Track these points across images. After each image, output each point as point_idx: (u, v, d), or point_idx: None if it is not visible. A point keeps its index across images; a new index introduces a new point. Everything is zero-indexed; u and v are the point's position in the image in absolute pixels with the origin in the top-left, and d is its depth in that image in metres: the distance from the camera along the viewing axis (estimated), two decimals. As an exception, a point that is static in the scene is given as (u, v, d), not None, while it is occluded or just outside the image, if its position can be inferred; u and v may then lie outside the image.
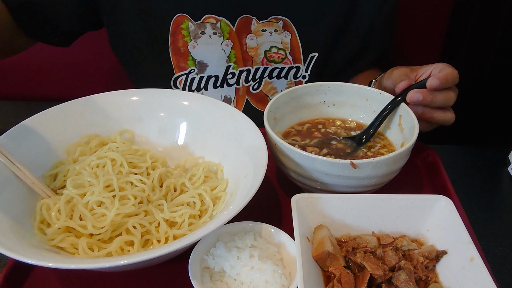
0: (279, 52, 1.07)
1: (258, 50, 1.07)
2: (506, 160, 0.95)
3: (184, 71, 1.08)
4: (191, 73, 1.08)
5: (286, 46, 1.06)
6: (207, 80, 1.09)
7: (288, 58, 1.08)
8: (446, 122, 0.82)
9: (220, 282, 0.62)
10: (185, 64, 1.07)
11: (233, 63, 1.07)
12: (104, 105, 0.84)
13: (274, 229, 0.67)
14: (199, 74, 1.08)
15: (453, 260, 0.61)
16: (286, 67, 1.09)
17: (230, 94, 1.11)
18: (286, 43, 1.06)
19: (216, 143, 0.81)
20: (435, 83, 0.77)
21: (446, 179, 0.83)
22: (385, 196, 0.68)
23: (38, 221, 0.66)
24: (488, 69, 1.50)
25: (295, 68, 1.09)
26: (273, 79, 1.11)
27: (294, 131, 0.87)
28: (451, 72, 0.79)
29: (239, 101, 1.12)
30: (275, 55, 1.07)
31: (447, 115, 0.81)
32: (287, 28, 1.04)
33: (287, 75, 1.10)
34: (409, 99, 0.79)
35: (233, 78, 1.09)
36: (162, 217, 0.68)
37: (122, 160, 0.73)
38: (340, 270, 0.59)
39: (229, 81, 1.09)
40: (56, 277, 0.68)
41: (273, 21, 1.03)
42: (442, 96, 0.79)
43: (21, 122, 0.76)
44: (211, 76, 1.08)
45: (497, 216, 0.85)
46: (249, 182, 0.67)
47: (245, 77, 1.09)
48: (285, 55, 1.07)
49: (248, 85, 1.10)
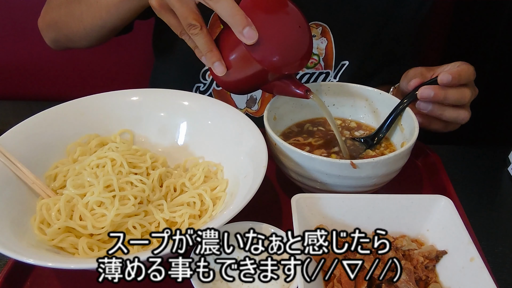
0: (313, 58, 1.06)
1: None
2: (506, 160, 0.95)
3: None
4: None
5: (321, 52, 1.05)
6: None
7: (320, 64, 1.07)
8: (458, 121, 0.78)
9: (220, 282, 0.62)
10: None
11: None
12: (104, 105, 0.84)
13: (274, 229, 0.67)
14: None
15: (453, 260, 0.61)
16: (317, 72, 1.08)
17: (256, 94, 1.09)
18: (322, 49, 1.05)
19: (216, 143, 0.81)
20: (446, 78, 0.73)
21: (446, 179, 0.83)
22: (385, 196, 0.68)
23: (38, 221, 0.66)
24: (488, 69, 1.50)
25: (324, 74, 1.08)
26: None
27: (294, 131, 0.87)
28: (466, 68, 0.75)
29: (264, 102, 1.11)
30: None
31: (459, 113, 0.77)
32: (325, 35, 1.03)
33: (316, 81, 1.09)
34: (420, 95, 0.76)
35: None
36: (162, 217, 0.68)
37: (122, 160, 0.73)
38: (340, 270, 0.59)
39: None
40: (56, 277, 0.68)
41: (314, 26, 1.02)
42: (456, 92, 0.75)
43: (21, 122, 0.76)
44: None
45: (497, 216, 0.85)
46: (249, 182, 0.67)
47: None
48: (318, 61, 1.06)
49: None
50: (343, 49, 1.05)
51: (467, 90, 0.77)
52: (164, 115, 0.85)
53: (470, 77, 0.76)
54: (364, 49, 1.06)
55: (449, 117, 0.78)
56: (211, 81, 1.07)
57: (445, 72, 0.74)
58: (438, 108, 0.77)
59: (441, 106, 0.77)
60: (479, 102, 0.85)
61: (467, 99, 0.77)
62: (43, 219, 0.66)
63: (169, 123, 0.85)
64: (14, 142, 0.73)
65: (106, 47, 1.12)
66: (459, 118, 0.78)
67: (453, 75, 0.74)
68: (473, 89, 0.79)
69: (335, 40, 1.04)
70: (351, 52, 1.06)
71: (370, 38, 1.05)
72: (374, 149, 0.82)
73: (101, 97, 0.84)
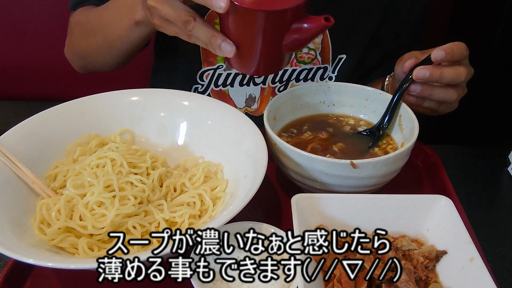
0: (310, 53, 1.06)
1: None
2: (506, 160, 0.95)
3: (212, 66, 1.06)
4: (219, 68, 1.06)
5: (317, 46, 1.05)
6: (234, 77, 1.07)
7: (317, 59, 1.07)
8: (447, 100, 0.77)
9: (220, 282, 0.62)
10: (214, 59, 1.06)
11: None
12: (104, 105, 0.84)
13: (274, 229, 0.67)
14: (227, 70, 1.07)
15: (453, 260, 0.61)
16: (315, 67, 1.08)
17: (255, 93, 1.09)
18: (318, 43, 1.05)
19: (216, 143, 0.81)
20: (440, 55, 0.72)
21: (446, 179, 0.83)
22: (385, 196, 0.68)
23: (38, 221, 0.66)
24: (488, 69, 1.50)
25: (322, 69, 1.08)
26: (300, 81, 1.10)
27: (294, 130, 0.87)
28: (457, 44, 0.74)
29: (263, 101, 1.11)
30: (305, 55, 1.06)
31: (448, 92, 0.76)
32: None
33: (314, 77, 1.09)
34: (415, 75, 0.75)
35: (260, 77, 1.08)
36: (162, 217, 0.68)
37: (122, 160, 0.73)
38: (340, 270, 0.59)
39: (256, 80, 1.08)
40: (56, 277, 0.68)
41: None
42: (451, 71, 0.74)
43: (21, 122, 0.76)
44: (238, 73, 1.07)
45: (497, 216, 0.85)
46: (249, 182, 0.67)
47: (272, 78, 1.08)
48: (315, 55, 1.06)
49: (275, 86, 1.09)
50: (340, 43, 1.05)
51: (462, 68, 0.76)
52: (164, 115, 0.85)
53: (463, 52, 0.75)
54: (362, 44, 1.06)
55: (438, 97, 0.77)
56: (209, 81, 1.08)
57: (438, 49, 0.74)
58: (427, 88, 0.76)
59: (430, 86, 0.76)
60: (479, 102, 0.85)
61: (463, 77, 0.76)
62: (43, 219, 0.66)
63: (169, 123, 0.85)
64: (14, 142, 0.73)
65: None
66: (448, 97, 0.77)
67: (446, 50, 0.73)
68: (469, 68, 0.78)
69: (331, 35, 1.04)
70: (348, 46, 1.06)
71: (368, 33, 1.05)
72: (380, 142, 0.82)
73: (101, 97, 0.84)
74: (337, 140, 0.84)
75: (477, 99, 1.49)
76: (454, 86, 0.77)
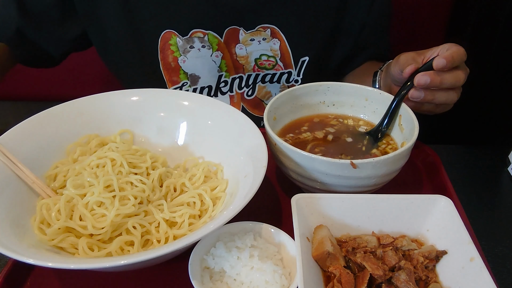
0: (270, 59, 1.07)
1: (249, 58, 1.07)
2: (506, 160, 0.96)
3: (177, 84, 1.09)
4: (184, 85, 1.09)
5: (275, 53, 1.06)
6: (201, 91, 1.10)
7: (279, 64, 1.08)
8: (448, 102, 0.79)
9: (220, 282, 0.62)
10: (177, 78, 1.08)
11: (225, 71, 1.08)
12: (104, 105, 0.84)
13: (274, 229, 0.67)
14: (192, 86, 1.09)
15: (453, 260, 0.61)
16: (278, 72, 1.09)
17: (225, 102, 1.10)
18: (276, 50, 1.06)
19: (216, 143, 0.81)
20: (442, 63, 0.74)
21: (446, 179, 0.83)
22: (385, 196, 0.68)
23: (38, 221, 0.66)
24: (488, 69, 1.50)
25: (286, 74, 1.09)
26: (266, 83, 1.11)
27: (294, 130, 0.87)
28: (457, 50, 0.76)
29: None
30: (265, 62, 1.07)
31: (449, 94, 0.78)
32: (276, 36, 1.04)
33: (280, 80, 1.10)
34: (417, 82, 0.76)
35: (226, 86, 1.10)
36: (162, 217, 0.68)
37: (122, 160, 0.73)
38: (340, 270, 0.59)
39: (223, 90, 1.10)
40: (56, 277, 0.68)
41: (261, 29, 1.03)
42: (451, 76, 0.76)
43: (21, 122, 0.76)
44: (205, 87, 1.09)
45: (497, 216, 0.85)
46: (249, 182, 0.67)
47: (238, 84, 1.10)
48: (275, 62, 1.07)
49: (242, 91, 1.11)
50: (299, 46, 1.06)
51: (461, 73, 0.77)
52: (164, 115, 0.85)
53: (462, 58, 0.76)
54: (321, 43, 1.06)
55: (441, 100, 0.78)
56: None
57: (439, 57, 0.75)
58: (430, 93, 0.77)
59: (432, 91, 0.77)
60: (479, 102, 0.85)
61: (462, 81, 0.77)
62: (43, 219, 0.66)
63: (169, 123, 0.85)
64: (14, 142, 0.73)
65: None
66: (449, 99, 0.78)
67: (447, 59, 0.74)
68: (465, 69, 0.79)
69: (287, 39, 1.04)
70: (307, 48, 1.06)
71: (324, 31, 1.05)
72: (379, 142, 0.82)
73: (101, 97, 0.85)
74: (337, 140, 0.84)
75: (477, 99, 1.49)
76: (453, 89, 0.79)
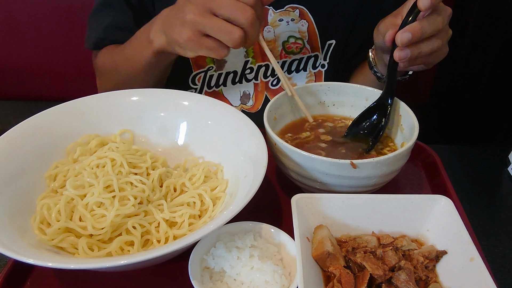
0: (297, 42, 1.06)
1: (276, 42, 1.06)
2: (506, 160, 0.96)
3: (202, 68, 1.07)
4: (209, 70, 1.07)
5: (303, 35, 1.06)
6: (226, 76, 1.08)
7: (306, 48, 1.07)
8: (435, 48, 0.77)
9: (220, 282, 0.62)
10: (203, 62, 1.07)
11: (251, 58, 1.07)
12: (104, 105, 0.84)
13: (274, 229, 0.67)
14: (218, 71, 1.07)
15: (453, 260, 0.61)
16: (305, 57, 1.08)
17: (249, 90, 1.10)
18: (304, 31, 1.05)
19: (216, 143, 0.81)
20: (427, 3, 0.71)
21: (446, 179, 0.83)
22: (385, 196, 0.68)
23: (38, 221, 0.66)
24: (488, 69, 1.50)
25: (313, 57, 1.08)
26: (292, 73, 1.10)
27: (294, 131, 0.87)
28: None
29: (258, 97, 1.11)
30: (293, 45, 1.06)
31: (434, 42, 0.76)
32: (304, 17, 1.04)
33: (306, 66, 1.09)
34: (400, 42, 0.74)
35: (252, 73, 1.08)
36: (162, 217, 0.68)
37: (122, 160, 0.73)
38: (340, 270, 0.59)
39: (248, 77, 1.08)
40: (56, 277, 0.68)
41: (290, 10, 1.03)
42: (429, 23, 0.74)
43: (21, 122, 0.76)
44: (230, 72, 1.08)
45: (497, 216, 0.85)
46: (249, 182, 0.67)
47: (264, 73, 1.08)
48: (303, 45, 1.06)
49: (267, 80, 1.09)
50: (326, 28, 1.05)
51: (436, 15, 0.75)
52: (164, 115, 0.85)
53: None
54: (347, 26, 1.06)
55: (427, 50, 0.77)
56: (202, 84, 1.09)
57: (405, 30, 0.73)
58: (415, 47, 0.76)
59: (416, 44, 0.76)
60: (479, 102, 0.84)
61: (442, 25, 0.75)
62: (43, 219, 0.66)
63: (169, 123, 0.85)
64: (15, 142, 0.73)
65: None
66: (435, 47, 0.77)
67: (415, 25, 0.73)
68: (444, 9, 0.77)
69: (315, 21, 1.04)
70: (334, 30, 1.06)
71: (350, 13, 1.05)
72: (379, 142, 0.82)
73: (101, 97, 0.85)
74: (337, 140, 0.84)
75: (477, 99, 1.49)
76: (436, 34, 0.77)
